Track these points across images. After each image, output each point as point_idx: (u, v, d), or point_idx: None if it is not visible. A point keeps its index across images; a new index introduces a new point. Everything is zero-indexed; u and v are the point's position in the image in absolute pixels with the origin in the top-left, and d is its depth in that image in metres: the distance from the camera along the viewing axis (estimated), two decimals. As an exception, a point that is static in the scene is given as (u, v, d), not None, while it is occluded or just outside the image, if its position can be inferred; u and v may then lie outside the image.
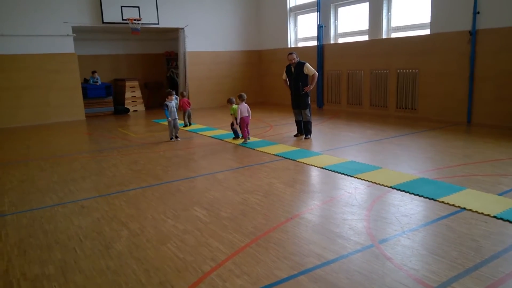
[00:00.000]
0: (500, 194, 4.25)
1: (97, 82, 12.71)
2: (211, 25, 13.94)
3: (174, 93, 8.09)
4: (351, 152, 6.52)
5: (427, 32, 9.55)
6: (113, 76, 14.25)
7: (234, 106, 7.66)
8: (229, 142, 7.69)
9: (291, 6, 13.71)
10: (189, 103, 9.87)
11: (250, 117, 7.58)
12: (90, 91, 12.43)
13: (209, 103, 14.17)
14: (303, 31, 13.67)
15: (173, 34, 13.87)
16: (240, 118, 7.44)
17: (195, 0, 13.50)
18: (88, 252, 3.32)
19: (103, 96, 12.76)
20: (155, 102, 14.76)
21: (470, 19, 8.49)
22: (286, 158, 6.25)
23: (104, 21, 11.76)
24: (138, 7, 12.14)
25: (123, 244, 3.44)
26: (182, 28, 13.27)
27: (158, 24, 12.62)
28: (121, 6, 11.89)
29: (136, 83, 13.71)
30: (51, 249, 3.41)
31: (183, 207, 4.30)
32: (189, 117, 9.93)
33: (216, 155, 6.78)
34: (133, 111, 13.54)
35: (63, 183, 5.41)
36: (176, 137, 8.06)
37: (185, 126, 9.76)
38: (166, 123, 8.66)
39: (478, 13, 8.35)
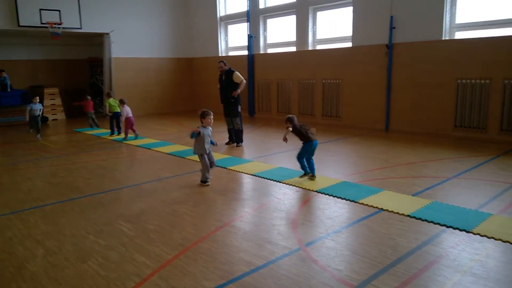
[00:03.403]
0: (414, 195, 4.61)
1: (4, 82, 11.51)
2: (139, 31, 13.52)
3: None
4: (281, 159, 6.67)
5: (349, 44, 10.15)
6: (30, 82, 13.18)
7: (110, 99, 9.33)
8: (159, 151, 7.48)
9: (221, 15, 13.79)
10: (93, 106, 10.50)
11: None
12: (4, 99, 11.38)
13: (137, 111, 13.47)
14: (234, 40, 13.81)
15: (98, 39, 13.22)
16: (126, 118, 8.53)
17: (121, 5, 13.03)
18: (-4, 276, 3.00)
19: (18, 104, 11.74)
20: (76, 111, 13.89)
21: (387, 33, 9.17)
22: (218, 166, 6.20)
23: (20, 24, 10.91)
24: (59, 10, 11.43)
25: (38, 264, 3.16)
26: (108, 34, 12.71)
27: (80, 28, 11.97)
28: (40, 9, 11.11)
29: (56, 90, 12.82)
30: (-50, 275, 3.04)
31: (106, 221, 4.07)
32: (93, 121, 10.36)
33: (144, 165, 6.55)
34: (53, 120, 12.63)
35: (-32, 200, 4.86)
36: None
37: (112, 134, 9.36)
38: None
39: (394, 28, 9.06)
